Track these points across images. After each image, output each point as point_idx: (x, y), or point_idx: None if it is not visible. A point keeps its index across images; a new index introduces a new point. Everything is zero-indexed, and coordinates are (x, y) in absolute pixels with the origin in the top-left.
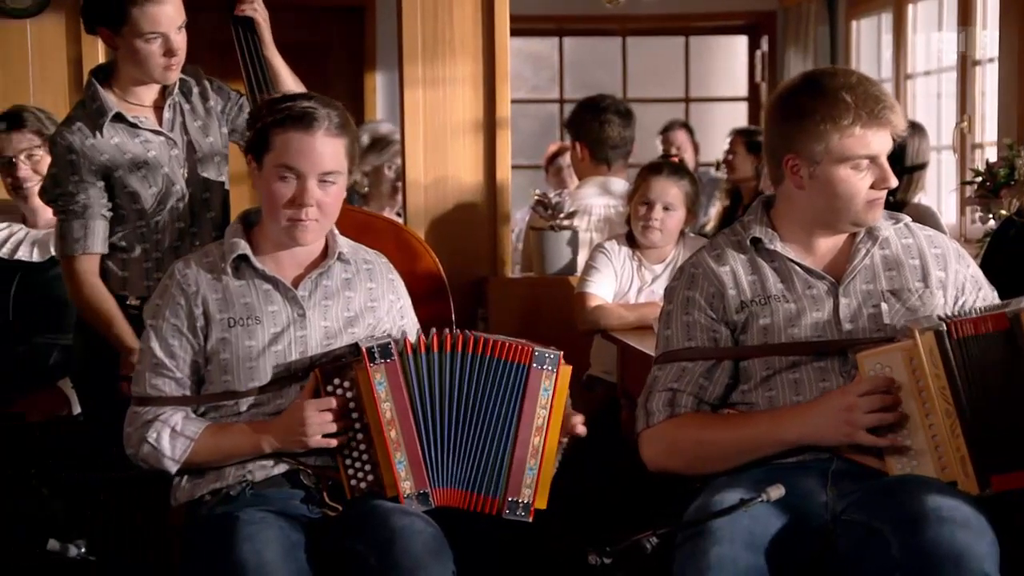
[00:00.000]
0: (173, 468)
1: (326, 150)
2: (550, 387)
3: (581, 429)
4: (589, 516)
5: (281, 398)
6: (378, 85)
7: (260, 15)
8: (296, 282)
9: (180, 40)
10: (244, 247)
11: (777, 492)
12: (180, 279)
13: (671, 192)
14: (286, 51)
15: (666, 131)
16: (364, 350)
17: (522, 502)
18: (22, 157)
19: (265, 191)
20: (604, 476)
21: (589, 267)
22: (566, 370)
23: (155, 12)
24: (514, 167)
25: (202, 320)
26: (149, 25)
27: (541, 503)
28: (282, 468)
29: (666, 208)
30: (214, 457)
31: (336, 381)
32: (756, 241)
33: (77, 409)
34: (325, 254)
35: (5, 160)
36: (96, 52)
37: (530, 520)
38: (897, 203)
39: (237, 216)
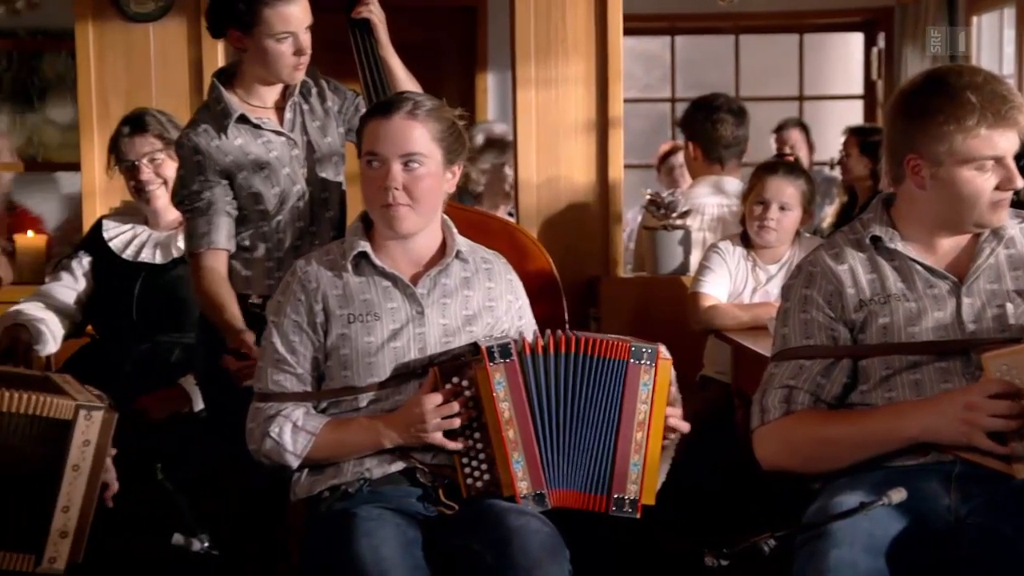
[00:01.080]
0: (295, 463)
1: (405, 132)
2: (649, 381)
3: (681, 424)
4: (703, 517)
5: (399, 394)
6: (489, 85)
7: (376, 16)
8: (415, 279)
9: (307, 40)
10: (364, 245)
11: (899, 495)
12: (301, 276)
13: (787, 192)
14: (399, 51)
15: (780, 130)
16: (484, 349)
17: (628, 499)
18: (144, 161)
19: (362, 185)
20: (718, 477)
21: (703, 267)
22: (665, 363)
23: (286, 12)
24: (625, 167)
25: (322, 316)
26: (281, 24)
27: (648, 499)
28: (399, 466)
29: (782, 208)
30: (335, 452)
31: (455, 380)
32: (876, 239)
33: (199, 406)
34: (443, 252)
35: (128, 163)
36: (215, 55)
37: (638, 517)
38: (1022, 202)
39: (358, 215)
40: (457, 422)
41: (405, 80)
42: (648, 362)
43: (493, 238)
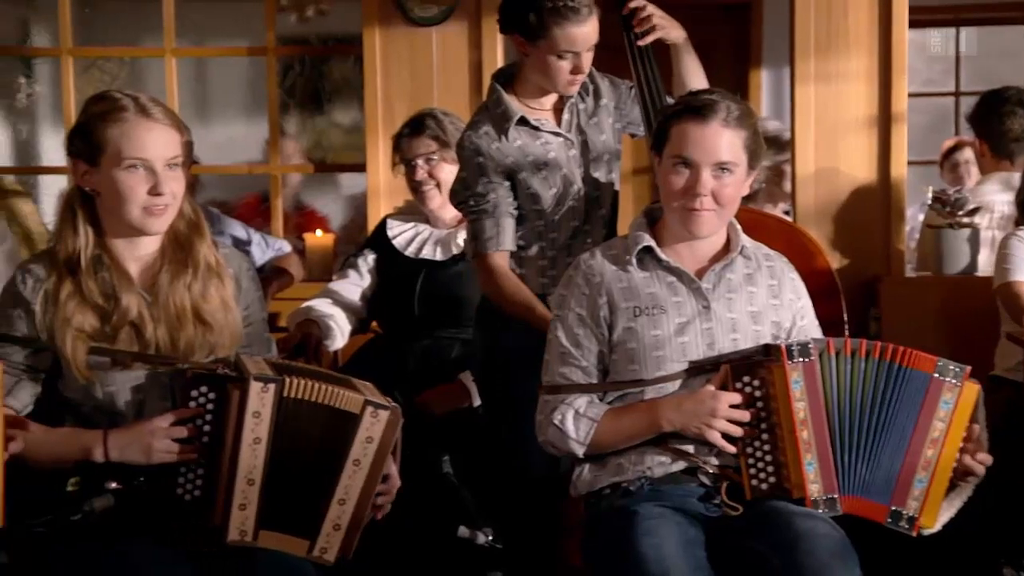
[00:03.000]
0: (579, 450)
1: (719, 140)
2: (951, 400)
3: (977, 466)
4: (1001, 527)
5: (686, 389)
6: (763, 82)
7: (659, 21)
8: (699, 274)
9: (588, 59)
10: (648, 239)
11: None
12: (585, 270)
13: None
14: (667, 48)
15: None
16: (783, 348)
17: (907, 514)
18: (420, 161)
19: (662, 182)
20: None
21: (1007, 255)
22: (972, 387)
23: (574, 33)
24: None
25: (606, 310)
26: (566, 44)
27: (928, 522)
28: (681, 465)
29: None
30: (616, 438)
31: (746, 379)
32: None
33: (478, 401)
34: (727, 248)
35: (407, 162)
36: (495, 57)
37: (913, 535)
38: None
39: (642, 210)
40: (741, 431)
41: (695, 73)
42: (953, 380)
43: (771, 237)
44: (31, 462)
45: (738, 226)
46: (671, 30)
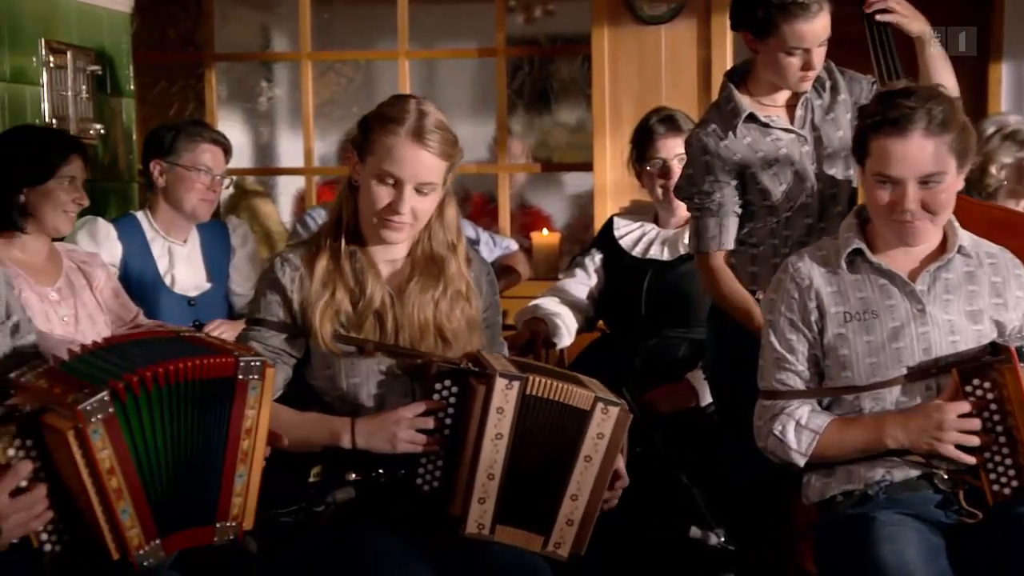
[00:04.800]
0: (801, 461)
1: (924, 154)
2: None
3: None
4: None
5: (905, 396)
6: (1004, 76)
7: (898, 8)
8: (913, 276)
9: (820, 54)
10: (858, 242)
11: None
12: (793, 273)
13: None
14: (905, 41)
15: None
16: (1013, 349)
17: None
18: (675, 160)
19: (868, 196)
20: None
21: None
22: None
23: (803, 29)
24: None
25: (816, 314)
26: (795, 41)
27: None
28: (917, 471)
29: None
30: (839, 452)
31: (975, 382)
32: None
33: (705, 401)
34: (943, 248)
35: (659, 161)
36: (724, 55)
37: None
38: None
39: (852, 211)
40: (976, 440)
41: (941, 68)
42: None
43: (1018, 236)
44: (287, 446)
45: (955, 223)
46: (912, 20)
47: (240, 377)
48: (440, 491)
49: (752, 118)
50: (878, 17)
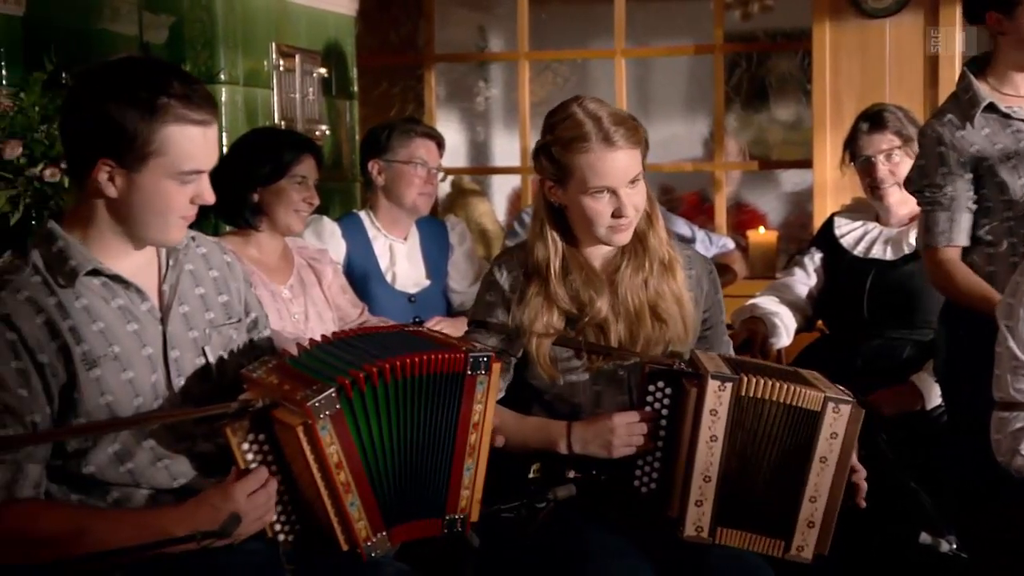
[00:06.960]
0: None
1: None
2: None
3: None
4: None
5: None
6: None
7: None
8: None
9: None
10: None
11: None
12: None
13: None
14: None
15: None
16: None
17: None
18: (880, 157)
19: None
20: None
21: None
22: None
23: None
24: None
25: None
26: None
27: None
28: None
29: None
30: None
31: None
32: None
33: (931, 403)
34: None
35: (863, 159)
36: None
37: None
38: None
39: None
40: None
41: None
42: None
43: None
44: (504, 447)
45: None
46: None
47: (469, 372)
48: (658, 493)
49: (992, 108)
50: None
